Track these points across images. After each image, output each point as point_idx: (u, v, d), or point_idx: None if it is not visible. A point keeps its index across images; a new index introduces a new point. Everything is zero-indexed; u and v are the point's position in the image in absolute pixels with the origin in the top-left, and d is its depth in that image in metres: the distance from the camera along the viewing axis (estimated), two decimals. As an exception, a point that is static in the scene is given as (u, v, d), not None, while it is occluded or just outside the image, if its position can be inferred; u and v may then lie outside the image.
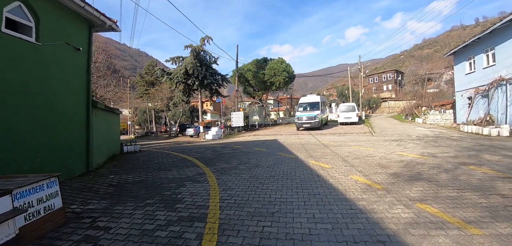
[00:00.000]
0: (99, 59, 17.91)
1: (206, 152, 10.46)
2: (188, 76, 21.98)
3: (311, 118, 17.60)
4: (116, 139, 10.55)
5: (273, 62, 27.17)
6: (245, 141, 14.45)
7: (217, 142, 15.54)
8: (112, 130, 9.94)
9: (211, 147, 12.17)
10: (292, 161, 7.45)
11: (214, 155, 9.32)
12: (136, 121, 42.68)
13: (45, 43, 5.64)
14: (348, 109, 20.83)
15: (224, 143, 14.09)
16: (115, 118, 10.57)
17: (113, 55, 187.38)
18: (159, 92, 29.00)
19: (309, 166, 6.71)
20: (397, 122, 23.23)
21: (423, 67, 57.52)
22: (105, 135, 8.69)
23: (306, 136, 14.85)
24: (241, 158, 8.44)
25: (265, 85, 27.70)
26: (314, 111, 18.10)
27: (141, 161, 9.00)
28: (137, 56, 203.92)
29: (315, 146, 10.58)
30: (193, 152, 10.60)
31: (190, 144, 16.56)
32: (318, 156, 8.12)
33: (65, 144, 6.02)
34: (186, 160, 8.68)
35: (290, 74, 27.27)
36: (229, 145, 12.52)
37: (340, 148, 9.52)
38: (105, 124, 8.76)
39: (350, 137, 13.25)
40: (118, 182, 5.97)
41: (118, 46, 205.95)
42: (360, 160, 7.21)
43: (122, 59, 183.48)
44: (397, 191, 4.41)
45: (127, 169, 7.57)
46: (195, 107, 45.21)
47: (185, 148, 13.14)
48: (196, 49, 21.46)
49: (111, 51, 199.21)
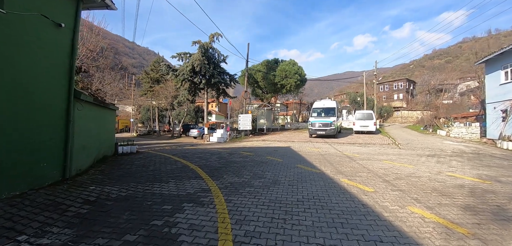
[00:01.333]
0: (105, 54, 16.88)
1: (211, 158, 9.05)
2: (194, 74, 20.75)
3: (327, 125, 16.09)
4: (109, 138, 9.24)
5: (285, 64, 25.76)
6: (255, 147, 13.01)
7: (223, 146, 14.13)
8: (105, 128, 8.62)
9: (217, 152, 10.77)
10: (318, 178, 5.98)
11: (221, 163, 7.91)
12: (139, 119, 41.66)
13: (11, 12, 4.33)
14: (365, 117, 19.25)
15: (231, 148, 12.67)
16: (110, 115, 9.26)
17: (121, 52, 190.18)
18: (163, 90, 27.82)
19: (343, 186, 5.24)
20: (416, 133, 21.53)
21: (437, 77, 55.37)
22: (94, 133, 7.35)
23: (322, 145, 13.34)
24: (254, 169, 7.01)
25: (275, 88, 26.26)
26: (329, 117, 16.60)
27: (135, 166, 7.63)
28: (145, 54, 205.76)
29: (337, 157, 9.08)
30: (196, 157, 9.20)
31: (193, 146, 15.19)
32: (348, 172, 6.63)
33: (33, 142, 4.67)
34: (187, 167, 7.28)
35: (302, 77, 25.82)
36: (237, 151, 11.10)
37: (370, 163, 8.01)
38: (95, 120, 7.43)
39: (374, 149, 11.70)
40: (97, 197, 4.59)
41: (127, 44, 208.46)
42: (404, 180, 5.72)
43: (131, 57, 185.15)
44: (496, 240, 2.95)
45: (115, 176, 6.20)
46: (200, 108, 44.04)
47: (188, 151, 11.76)
48: (205, 46, 20.22)
49: (120, 48, 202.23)
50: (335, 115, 16.84)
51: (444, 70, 76.56)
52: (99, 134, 7.90)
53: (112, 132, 9.75)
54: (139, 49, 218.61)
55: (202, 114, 42.39)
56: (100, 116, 8.02)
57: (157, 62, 31.94)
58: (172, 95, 27.26)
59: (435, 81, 55.65)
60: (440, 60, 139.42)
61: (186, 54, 21.26)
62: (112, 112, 9.56)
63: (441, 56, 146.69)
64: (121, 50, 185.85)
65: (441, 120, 25.72)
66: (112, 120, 9.66)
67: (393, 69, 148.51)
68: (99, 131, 7.83)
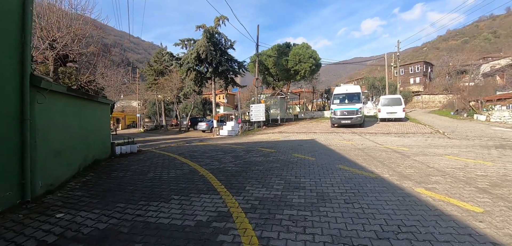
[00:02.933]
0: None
1: (224, 158, 7.38)
2: (200, 62, 19.03)
3: (352, 113, 14.16)
4: (103, 138, 7.67)
5: (297, 47, 23.63)
6: (274, 141, 11.28)
7: (236, 141, 12.45)
8: (95, 126, 7.04)
9: (230, 149, 9.09)
10: (380, 187, 4.22)
11: (238, 166, 6.22)
12: (145, 113, 40.50)
13: None
14: (392, 102, 17.15)
15: (246, 143, 10.98)
16: (101, 110, 7.67)
17: (127, 48, 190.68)
18: (168, 82, 26.25)
19: (430, 203, 3.47)
20: (449, 119, 19.30)
21: (458, 58, 51.76)
22: (77, 134, 5.76)
23: (352, 136, 11.50)
24: (283, 174, 5.29)
25: (288, 74, 24.23)
26: (354, 104, 14.64)
27: (131, 172, 6.03)
28: (150, 49, 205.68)
29: (383, 153, 7.26)
30: (206, 157, 7.55)
31: (202, 142, 13.59)
32: (414, 175, 4.85)
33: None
34: (196, 173, 5.63)
35: (317, 61, 23.69)
36: (254, 147, 9.40)
37: (430, 159, 6.20)
38: (77, 117, 5.83)
39: (419, 140, 9.78)
40: (61, 235, 2.98)
41: (132, 40, 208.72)
42: (509, 189, 3.93)
43: (136, 52, 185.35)
44: None
45: (101, 191, 4.60)
46: (207, 100, 42.51)
47: (197, 149, 10.15)
48: (210, 31, 18.38)
49: (125, 44, 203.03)
50: (361, 101, 14.86)
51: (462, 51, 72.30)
52: (86, 134, 6.31)
53: (107, 130, 8.19)
54: (144, 44, 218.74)
55: (210, 106, 40.87)
56: (86, 112, 6.41)
57: (160, 53, 30.30)
58: (178, 87, 25.68)
59: (455, 63, 52.14)
60: (456, 41, 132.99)
61: (190, 40, 19.48)
62: (104, 107, 7.97)
63: (457, 37, 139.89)
64: (126, 46, 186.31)
65: (471, 104, 23.25)
66: (105, 116, 8.08)
67: (404, 53, 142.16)
68: (85, 130, 6.23)
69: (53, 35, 8.50)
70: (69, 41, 9.09)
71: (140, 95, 39.80)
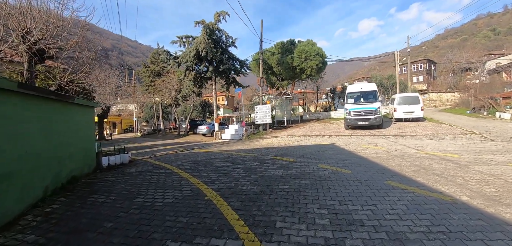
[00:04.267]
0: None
1: (234, 170, 5.97)
2: (199, 61, 17.64)
3: (370, 113, 12.79)
4: (83, 148, 6.23)
5: (303, 44, 22.26)
6: (286, 147, 9.88)
7: (243, 147, 11.04)
8: (72, 134, 5.61)
9: (239, 158, 7.68)
10: (472, 218, 2.84)
11: (254, 184, 4.80)
12: (143, 117, 38.98)
13: None
14: (409, 101, 15.79)
15: (255, 150, 9.57)
16: (82, 114, 6.24)
17: (124, 52, 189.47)
18: (166, 84, 24.80)
19: None
20: (469, 118, 17.99)
21: (462, 55, 50.66)
22: (42, 146, 4.35)
23: (376, 139, 10.14)
24: (320, 197, 3.89)
25: (294, 73, 22.83)
26: (371, 103, 13.28)
27: (114, 196, 4.60)
28: (148, 52, 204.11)
29: (430, 161, 5.88)
30: (212, 170, 6.12)
31: (204, 148, 12.16)
32: (503, 195, 3.47)
33: None
34: (201, 196, 4.21)
35: (323, 58, 22.33)
36: (266, 155, 7.99)
37: (496, 169, 4.85)
38: (42, 124, 4.42)
39: (457, 143, 8.41)
40: None
41: (129, 43, 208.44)
42: None
43: (134, 55, 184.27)
44: None
45: (61, 236, 3.17)
46: (206, 102, 41.07)
47: (199, 158, 8.73)
48: (210, 27, 16.99)
49: (123, 47, 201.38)
50: (378, 100, 13.51)
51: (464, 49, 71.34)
52: (58, 145, 4.89)
53: (90, 138, 6.75)
54: (142, 47, 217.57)
55: (210, 109, 39.48)
56: (59, 117, 5.00)
57: (156, 54, 28.88)
58: (176, 89, 24.24)
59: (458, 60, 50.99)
60: (455, 39, 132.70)
61: (188, 37, 18.07)
62: (87, 111, 6.53)
63: (456, 35, 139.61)
64: (124, 50, 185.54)
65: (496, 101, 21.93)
66: (88, 122, 6.65)
67: (401, 53, 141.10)
68: (56, 140, 4.81)
69: (25, 25, 7.10)
70: (47, 34, 7.68)
71: (137, 99, 38.29)
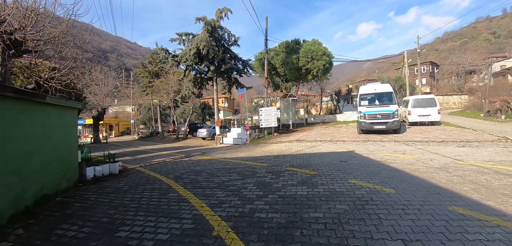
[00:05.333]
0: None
1: (244, 187, 4.84)
2: (200, 60, 16.54)
3: (388, 117, 11.70)
4: (60, 157, 5.09)
5: (309, 43, 21.19)
6: (299, 154, 8.76)
7: (249, 154, 9.92)
8: (45, 142, 4.48)
9: (248, 169, 6.55)
10: None
11: (275, 209, 3.68)
12: (140, 119, 37.78)
13: None
14: (425, 103, 14.71)
15: (265, 158, 8.45)
16: (59, 117, 5.12)
17: (123, 53, 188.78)
18: (164, 85, 23.67)
19: None
20: (486, 121, 16.96)
21: (466, 58, 49.89)
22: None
23: (398, 145, 9.04)
24: (373, 233, 2.76)
25: (299, 74, 21.72)
26: (388, 106, 12.20)
27: (90, 228, 3.47)
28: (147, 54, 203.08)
29: (487, 176, 4.79)
30: (216, 186, 5.00)
31: (205, 155, 11.03)
32: None
33: None
34: (207, 229, 3.07)
35: (330, 58, 21.29)
36: (279, 164, 6.87)
37: None
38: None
39: (494, 151, 7.33)
40: None
41: (128, 45, 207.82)
42: None
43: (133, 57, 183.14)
44: None
45: None
46: (206, 104, 39.93)
47: (200, 168, 7.62)
48: (212, 23, 15.91)
49: (122, 49, 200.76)
50: (395, 102, 12.44)
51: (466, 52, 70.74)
52: (16, 155, 3.75)
53: (69, 145, 5.60)
54: (141, 49, 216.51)
55: (209, 111, 38.36)
56: (18, 120, 3.87)
57: (155, 53, 27.76)
58: (174, 90, 23.11)
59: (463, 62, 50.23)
60: (455, 42, 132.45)
61: (189, 35, 16.97)
62: (65, 112, 5.40)
63: (455, 39, 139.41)
64: (123, 51, 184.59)
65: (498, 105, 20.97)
66: (67, 125, 5.51)
67: (400, 56, 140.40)
68: (13, 149, 3.68)
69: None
70: (25, 24, 6.57)
71: (135, 100, 37.11)
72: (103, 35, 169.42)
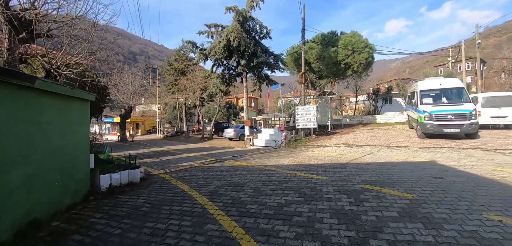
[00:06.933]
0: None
1: (320, 222, 3.15)
2: (229, 53, 15.15)
3: (462, 118, 9.36)
4: (59, 168, 3.80)
5: (348, 35, 18.93)
6: (362, 164, 6.89)
7: (293, 161, 8.24)
8: (29, 145, 3.17)
9: (306, 185, 4.86)
10: None
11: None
12: (166, 118, 37.67)
13: None
14: (502, 102, 11.96)
15: (316, 167, 6.72)
16: (66, 111, 3.86)
17: (151, 55, 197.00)
18: (190, 82, 22.78)
19: None
20: None
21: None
22: None
23: (494, 156, 6.81)
24: None
25: (337, 69, 19.52)
26: (461, 104, 9.85)
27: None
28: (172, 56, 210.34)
29: None
30: (273, 213, 3.37)
31: (238, 160, 9.53)
32: None
33: None
34: None
35: (373, 51, 18.86)
36: (346, 179, 5.09)
37: None
38: None
39: None
40: None
41: (156, 47, 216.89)
42: None
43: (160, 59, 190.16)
44: None
45: None
46: (231, 104, 38.83)
47: (238, 177, 6.11)
48: (243, 13, 14.45)
49: (150, 51, 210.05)
50: (469, 100, 10.06)
51: None
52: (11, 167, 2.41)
53: (78, 148, 4.32)
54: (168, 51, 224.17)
55: (234, 110, 37.21)
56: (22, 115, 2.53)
57: (181, 50, 27.09)
58: (201, 88, 22.10)
59: None
60: (499, 37, 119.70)
61: (218, 26, 15.70)
62: (71, 105, 4.13)
63: (499, 33, 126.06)
64: (151, 54, 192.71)
65: None
66: (77, 122, 4.25)
67: (433, 55, 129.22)
68: None
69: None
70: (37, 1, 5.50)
71: (161, 99, 37.08)
72: (133, 39, 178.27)
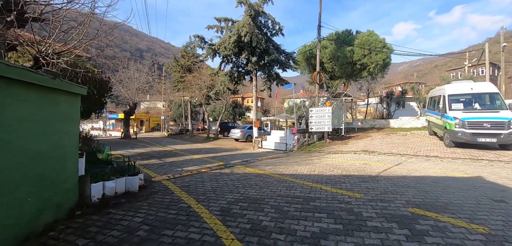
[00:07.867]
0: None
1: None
2: (239, 50, 14.34)
3: (501, 126, 8.36)
4: (34, 177, 3.00)
5: (364, 34, 17.95)
6: (396, 177, 5.97)
7: (310, 170, 7.37)
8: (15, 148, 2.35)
9: (339, 206, 3.99)
10: None
11: None
12: (170, 116, 37.07)
13: None
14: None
15: (341, 178, 5.85)
16: (37, 104, 3.03)
17: (158, 53, 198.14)
18: (197, 80, 22.06)
19: None
20: None
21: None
22: None
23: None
24: None
25: (352, 70, 18.55)
26: (497, 111, 8.87)
27: None
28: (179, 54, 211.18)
29: None
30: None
31: (248, 164, 8.69)
32: None
33: None
34: None
35: (391, 52, 17.84)
36: (388, 201, 4.20)
37: None
38: None
39: None
40: None
41: (162, 45, 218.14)
42: None
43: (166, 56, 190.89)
44: None
45: None
46: (237, 103, 38.05)
47: (252, 189, 5.30)
48: (255, 7, 13.63)
49: (157, 49, 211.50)
50: (505, 106, 9.05)
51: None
52: None
53: (63, 151, 3.53)
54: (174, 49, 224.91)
55: (240, 110, 36.44)
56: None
57: (188, 47, 26.39)
58: (207, 86, 21.35)
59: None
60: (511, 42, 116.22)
61: (228, 20, 14.91)
62: (56, 99, 3.34)
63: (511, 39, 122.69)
64: (158, 51, 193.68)
65: None
66: (61, 120, 3.47)
67: (442, 59, 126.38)
68: None
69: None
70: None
71: (166, 96, 36.50)
72: (140, 35, 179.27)
